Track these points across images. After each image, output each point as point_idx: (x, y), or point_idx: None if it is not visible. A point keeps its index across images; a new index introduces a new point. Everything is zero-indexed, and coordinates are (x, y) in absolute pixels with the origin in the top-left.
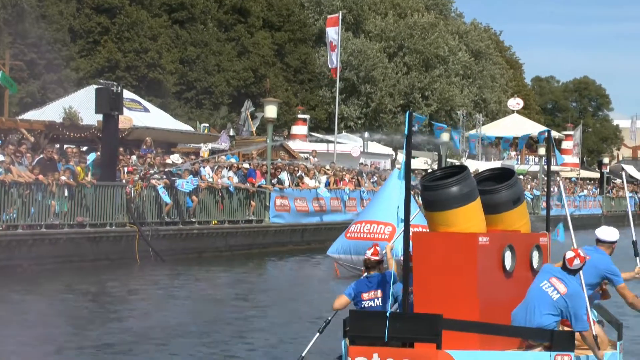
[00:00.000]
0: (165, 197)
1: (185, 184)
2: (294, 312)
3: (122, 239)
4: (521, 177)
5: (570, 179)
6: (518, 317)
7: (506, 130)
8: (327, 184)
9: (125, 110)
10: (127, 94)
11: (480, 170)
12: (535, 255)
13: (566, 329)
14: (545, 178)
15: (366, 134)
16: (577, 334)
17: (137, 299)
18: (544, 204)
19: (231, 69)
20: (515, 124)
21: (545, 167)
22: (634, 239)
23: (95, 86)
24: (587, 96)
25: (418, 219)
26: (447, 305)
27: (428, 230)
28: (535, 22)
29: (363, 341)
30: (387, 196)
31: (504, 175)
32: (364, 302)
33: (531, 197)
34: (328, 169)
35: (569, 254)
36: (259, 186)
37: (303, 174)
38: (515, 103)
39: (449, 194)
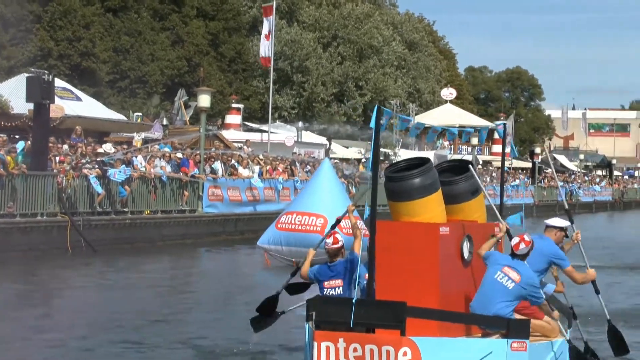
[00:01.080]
0: (97, 187)
1: (117, 174)
2: (223, 303)
3: (54, 229)
4: None
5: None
6: (477, 308)
7: (439, 120)
8: (261, 174)
9: (57, 99)
10: (59, 83)
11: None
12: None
13: (518, 316)
14: (477, 168)
15: (300, 124)
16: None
17: (67, 290)
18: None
19: (165, 58)
20: (449, 114)
21: (478, 157)
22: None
23: (27, 74)
24: (519, 86)
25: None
26: (409, 293)
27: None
28: (468, 12)
29: (328, 326)
30: (318, 187)
31: (462, 167)
32: (325, 290)
33: None
34: (262, 159)
35: (515, 240)
36: (192, 176)
37: (236, 164)
38: (449, 93)
39: (412, 185)
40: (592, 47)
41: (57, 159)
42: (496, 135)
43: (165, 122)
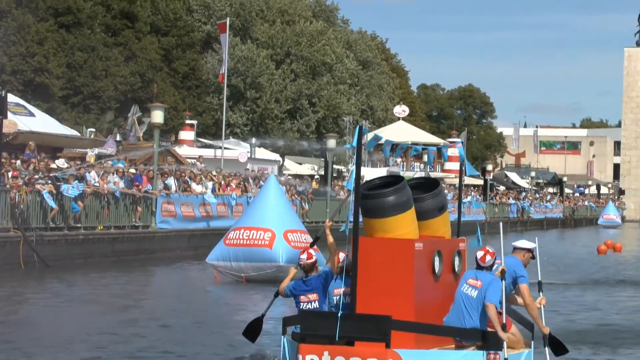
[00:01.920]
0: (51, 202)
1: (70, 189)
2: (172, 319)
3: (6, 244)
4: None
5: (454, 185)
6: (452, 322)
7: (392, 137)
8: (214, 190)
9: (10, 114)
10: (12, 98)
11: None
12: (457, 260)
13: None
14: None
15: (253, 140)
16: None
17: (17, 305)
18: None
19: (118, 73)
20: (401, 131)
21: (431, 174)
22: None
23: None
24: (471, 104)
25: (296, 224)
26: (385, 306)
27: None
28: (420, 30)
29: (313, 339)
30: (265, 202)
31: (430, 184)
32: (301, 304)
33: None
34: (215, 175)
35: (479, 254)
36: (146, 191)
37: (189, 180)
38: (401, 110)
39: (387, 202)
40: (544, 66)
41: (10, 174)
42: (449, 152)
43: (118, 138)
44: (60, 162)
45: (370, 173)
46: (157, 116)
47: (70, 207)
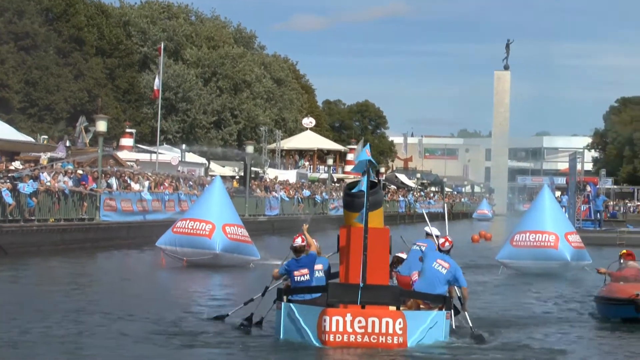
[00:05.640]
0: (8, 199)
1: (26, 187)
2: (124, 300)
3: None
4: (315, 183)
5: None
6: (421, 288)
7: (302, 144)
8: (150, 188)
9: None
10: None
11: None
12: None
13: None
14: (332, 184)
15: (184, 146)
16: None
17: None
18: (332, 206)
19: (69, 89)
20: (309, 139)
21: (333, 175)
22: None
23: None
24: (367, 117)
25: (234, 219)
26: (369, 278)
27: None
28: (326, 55)
29: (338, 304)
30: (210, 198)
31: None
32: (296, 278)
33: (320, 199)
34: (150, 175)
35: (441, 240)
36: (91, 189)
37: (129, 179)
38: (309, 122)
39: (370, 201)
40: (429, 85)
41: None
42: (349, 157)
43: (68, 143)
44: (17, 164)
45: (282, 175)
46: (102, 125)
47: (26, 202)
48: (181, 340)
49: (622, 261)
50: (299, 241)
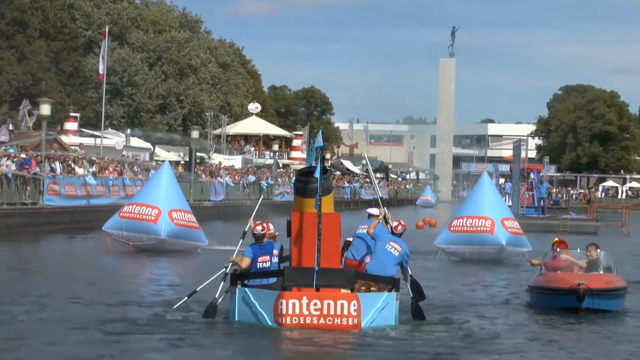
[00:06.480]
0: None
1: None
2: (67, 285)
3: None
4: (261, 169)
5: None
6: (373, 270)
7: (247, 129)
8: (94, 173)
9: None
10: None
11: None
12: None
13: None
14: (278, 170)
15: (128, 131)
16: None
17: None
18: (278, 192)
19: (12, 72)
20: (255, 125)
21: (278, 161)
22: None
23: None
24: (313, 103)
25: (182, 204)
26: (322, 261)
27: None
28: (272, 40)
29: (294, 287)
30: (157, 184)
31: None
32: (258, 264)
33: (266, 185)
34: (95, 160)
35: (394, 223)
36: (34, 173)
37: (73, 163)
38: (255, 107)
39: (321, 186)
40: (375, 72)
41: None
42: (294, 143)
43: (11, 127)
44: None
45: (227, 160)
46: (45, 109)
47: None
48: (126, 326)
49: (556, 249)
50: (259, 229)
